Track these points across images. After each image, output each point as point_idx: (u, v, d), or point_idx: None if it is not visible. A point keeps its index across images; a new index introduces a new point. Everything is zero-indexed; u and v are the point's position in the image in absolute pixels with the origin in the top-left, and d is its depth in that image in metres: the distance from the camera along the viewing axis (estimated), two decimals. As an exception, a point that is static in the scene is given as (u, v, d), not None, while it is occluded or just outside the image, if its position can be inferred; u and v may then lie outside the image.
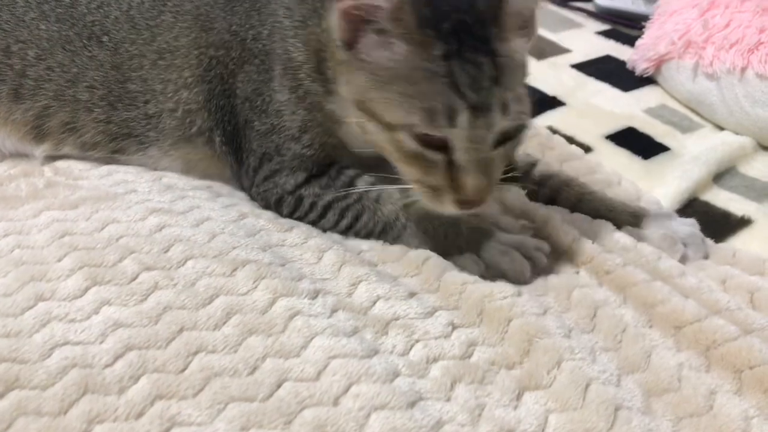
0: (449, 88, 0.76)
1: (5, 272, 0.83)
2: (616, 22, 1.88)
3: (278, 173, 0.99)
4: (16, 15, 1.07)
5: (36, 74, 1.05)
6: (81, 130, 1.07)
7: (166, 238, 0.90)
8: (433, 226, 0.93)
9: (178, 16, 1.07)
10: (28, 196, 0.99)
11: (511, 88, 0.78)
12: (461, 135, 0.77)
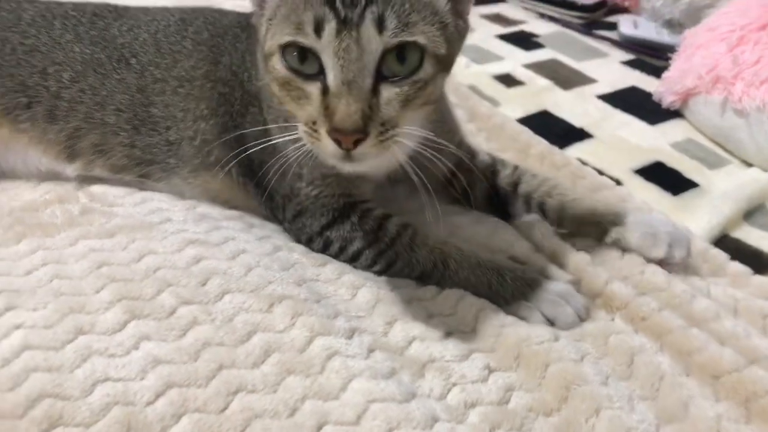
0: (323, 3, 0.73)
1: (45, 303, 0.83)
2: (641, 51, 1.88)
3: (303, 214, 0.99)
4: (53, 37, 1.09)
5: (69, 96, 1.06)
6: (109, 152, 1.08)
7: (203, 270, 0.90)
8: (475, 276, 0.92)
9: (195, 45, 1.08)
10: (64, 223, 0.99)
11: (396, 9, 0.74)
12: (328, 48, 0.73)
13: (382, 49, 0.74)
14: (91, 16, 1.12)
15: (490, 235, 1.05)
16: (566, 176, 1.23)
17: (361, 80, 0.74)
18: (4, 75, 1.06)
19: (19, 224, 0.98)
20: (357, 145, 0.74)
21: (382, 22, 0.73)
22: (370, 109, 0.74)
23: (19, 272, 0.89)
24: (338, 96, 0.73)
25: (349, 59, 0.73)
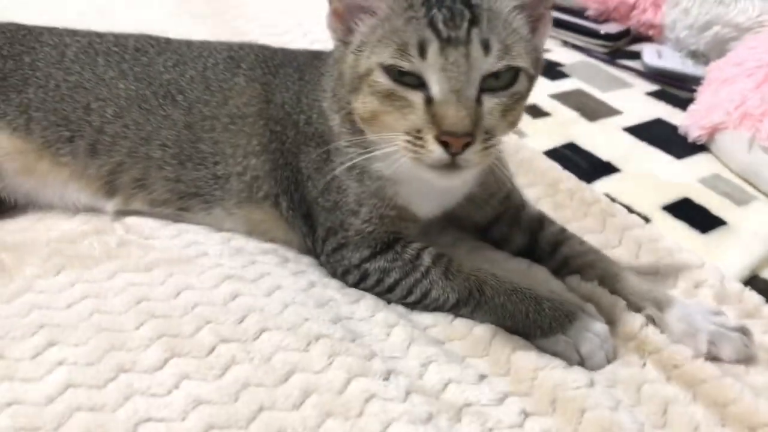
0: (425, 25, 0.80)
1: (86, 339, 0.85)
2: (665, 82, 1.88)
3: (344, 247, 1.00)
4: (97, 74, 1.10)
5: (113, 131, 1.07)
6: (151, 186, 1.09)
7: (240, 307, 0.91)
8: (512, 303, 0.93)
9: (249, 81, 1.09)
10: (101, 255, 1.01)
11: (494, 32, 0.81)
12: (434, 66, 0.79)
13: (486, 70, 0.80)
14: (134, 51, 1.12)
15: (525, 271, 1.06)
16: (596, 214, 1.23)
17: (468, 90, 0.79)
18: (48, 109, 1.07)
19: (57, 255, 1.00)
20: (465, 148, 0.78)
21: (487, 45, 0.80)
22: (476, 116, 0.79)
23: (59, 305, 0.90)
24: (446, 103, 0.78)
25: (457, 72, 0.79)
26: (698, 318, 0.95)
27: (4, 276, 0.95)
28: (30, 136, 1.07)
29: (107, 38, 1.16)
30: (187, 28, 1.73)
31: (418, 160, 0.81)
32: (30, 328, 0.86)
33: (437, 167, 0.81)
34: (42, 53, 1.11)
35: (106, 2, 1.89)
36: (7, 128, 1.07)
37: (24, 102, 1.07)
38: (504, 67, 0.81)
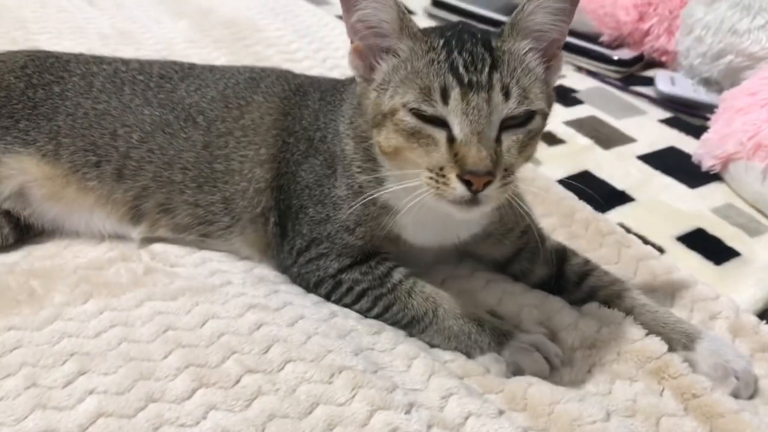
0: (447, 70, 0.84)
1: (116, 367, 0.87)
2: (678, 109, 1.90)
3: (324, 257, 1.03)
4: (123, 102, 1.13)
5: (138, 156, 1.10)
6: (174, 211, 1.11)
7: (265, 337, 0.93)
8: (458, 325, 0.98)
9: (267, 97, 1.13)
10: (128, 282, 1.03)
11: (514, 77, 0.85)
12: (455, 111, 0.82)
13: (506, 114, 0.84)
14: (158, 78, 1.16)
15: (540, 302, 1.09)
16: (611, 244, 1.25)
17: (489, 132, 0.83)
18: (76, 135, 1.10)
19: (85, 282, 1.02)
20: (485, 186, 0.82)
21: (507, 91, 0.84)
22: (497, 156, 0.83)
23: (89, 334, 0.93)
24: (468, 144, 0.82)
25: (479, 115, 0.82)
26: (728, 353, 0.97)
27: (34, 303, 0.97)
28: (58, 162, 1.10)
29: (132, 66, 1.19)
30: (208, 53, 1.77)
31: (440, 196, 0.84)
32: (61, 356, 0.88)
33: (458, 202, 0.84)
34: (71, 83, 1.15)
35: (129, 26, 1.93)
36: (36, 154, 1.10)
37: (54, 129, 1.10)
38: (524, 112, 0.85)
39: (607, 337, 1.01)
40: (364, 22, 0.90)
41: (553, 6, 0.87)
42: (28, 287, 1.00)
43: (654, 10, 2.12)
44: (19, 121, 1.10)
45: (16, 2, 1.95)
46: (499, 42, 0.87)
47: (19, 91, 1.12)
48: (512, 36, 0.88)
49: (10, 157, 1.09)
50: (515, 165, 0.86)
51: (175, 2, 2.12)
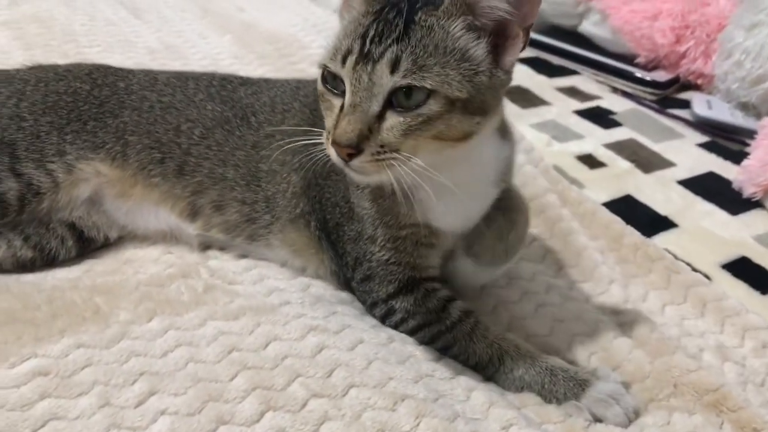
0: (358, 36, 0.84)
1: (185, 388, 0.88)
2: (715, 134, 1.91)
3: (371, 279, 1.04)
4: (187, 95, 1.16)
5: (197, 152, 1.13)
6: (225, 208, 1.14)
7: (327, 361, 0.94)
8: (530, 376, 0.96)
9: (302, 106, 1.16)
10: (190, 301, 1.05)
11: (416, 53, 0.82)
12: (347, 75, 0.84)
13: (390, 87, 0.82)
14: (221, 80, 1.21)
15: (549, 333, 1.09)
16: (660, 270, 1.26)
17: (366, 106, 0.83)
18: (142, 132, 1.13)
19: (148, 300, 1.04)
20: (351, 158, 0.83)
21: (396, 63, 0.81)
22: (369, 131, 0.83)
23: (156, 353, 0.94)
24: (345, 115, 0.83)
25: (359, 87, 0.83)
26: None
27: (100, 321, 0.99)
28: (126, 162, 1.13)
29: (195, 72, 1.24)
30: (253, 69, 1.79)
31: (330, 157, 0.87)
32: (131, 376, 0.89)
33: (339, 164, 0.86)
34: (135, 78, 1.19)
35: (175, 40, 1.95)
36: (107, 157, 1.13)
37: (120, 126, 1.13)
38: (406, 84, 0.81)
39: (662, 369, 1.01)
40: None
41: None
42: (92, 304, 1.02)
43: (691, 33, 2.13)
44: (87, 123, 1.13)
45: (65, 15, 1.97)
46: (424, 15, 0.84)
47: (85, 93, 1.15)
48: (447, 11, 0.84)
49: (83, 163, 1.11)
50: (398, 144, 0.83)
51: (219, 17, 2.14)
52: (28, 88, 1.15)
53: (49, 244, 1.10)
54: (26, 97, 1.13)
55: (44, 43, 1.79)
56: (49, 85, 1.16)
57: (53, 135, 1.11)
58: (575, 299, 1.17)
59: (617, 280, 1.22)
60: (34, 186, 1.09)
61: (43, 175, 1.09)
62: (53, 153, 1.10)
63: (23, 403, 0.84)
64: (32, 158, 1.09)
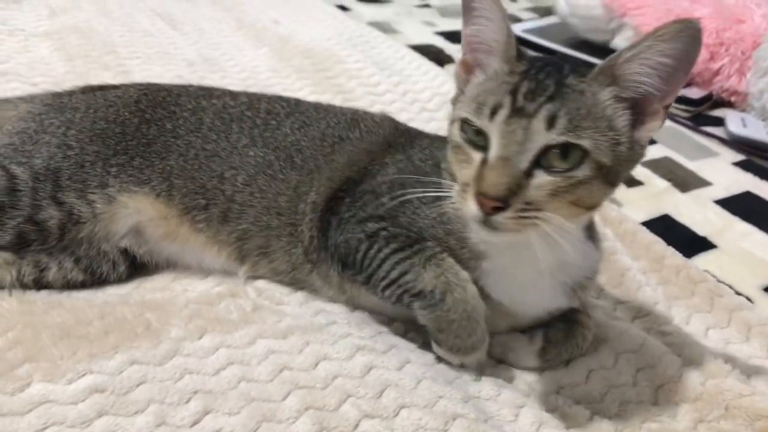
0: (507, 92, 0.84)
1: (239, 408, 0.89)
2: (750, 152, 1.90)
3: (377, 219, 1.02)
4: (231, 142, 1.14)
5: (241, 199, 1.11)
6: (272, 255, 1.12)
7: (377, 381, 0.95)
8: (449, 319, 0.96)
9: (365, 134, 1.16)
10: (239, 319, 1.05)
11: (572, 113, 0.81)
12: (496, 131, 0.83)
13: (545, 143, 0.81)
14: (265, 115, 1.17)
15: (595, 351, 1.09)
16: (703, 293, 1.25)
17: (517, 161, 0.82)
18: (187, 177, 1.12)
19: (198, 317, 1.04)
20: (495, 212, 0.81)
21: (553, 120, 0.81)
22: (517, 186, 0.81)
23: (208, 371, 0.95)
24: (492, 167, 0.82)
25: (511, 141, 0.82)
26: None
27: (152, 337, 1.00)
28: (171, 202, 1.11)
29: (241, 100, 1.21)
30: (291, 83, 1.81)
31: (461, 210, 0.86)
32: (185, 394, 0.90)
33: (476, 221, 0.84)
34: (182, 119, 1.16)
35: (212, 53, 1.97)
36: (151, 193, 1.11)
37: (167, 169, 1.12)
38: (563, 142, 0.81)
39: (713, 391, 1.01)
40: (476, 36, 0.91)
41: (655, 60, 0.82)
42: (144, 320, 1.03)
43: (726, 51, 2.12)
44: (134, 158, 1.12)
45: (104, 25, 1.99)
46: (576, 80, 0.85)
47: (133, 127, 1.14)
48: (596, 79, 0.85)
49: (125, 196, 1.10)
50: (543, 204, 0.82)
51: (254, 30, 2.16)
52: (77, 116, 1.15)
53: (100, 268, 1.11)
54: (74, 125, 1.13)
55: (85, 54, 1.82)
56: (98, 111, 1.16)
57: (98, 165, 1.10)
58: (619, 319, 1.17)
59: (660, 302, 1.22)
60: (74, 215, 1.09)
61: (84, 205, 1.09)
62: (96, 185, 1.10)
63: (82, 421, 0.85)
64: (74, 188, 1.09)
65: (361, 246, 1.00)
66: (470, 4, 0.89)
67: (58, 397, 0.87)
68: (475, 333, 0.97)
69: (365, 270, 1.00)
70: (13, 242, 1.07)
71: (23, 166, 1.09)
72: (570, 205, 0.85)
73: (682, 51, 0.81)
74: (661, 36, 0.81)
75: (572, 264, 0.98)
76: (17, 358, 0.93)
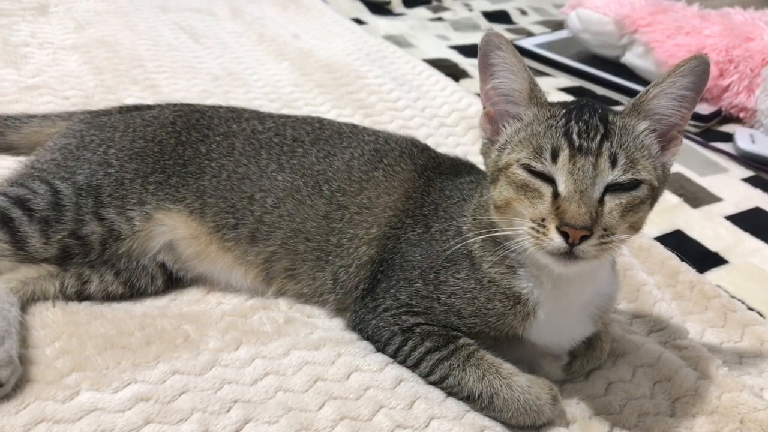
0: (561, 135, 0.92)
1: (277, 417, 0.93)
2: (759, 168, 1.94)
3: (411, 315, 1.05)
4: (260, 166, 1.19)
5: (270, 221, 1.16)
6: (298, 278, 1.17)
7: (407, 393, 0.99)
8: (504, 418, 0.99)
9: (388, 175, 1.18)
10: (273, 331, 1.10)
11: (623, 149, 0.91)
12: (562, 170, 0.90)
13: (611, 180, 0.90)
14: (291, 141, 1.22)
15: (612, 365, 1.13)
16: (717, 308, 1.30)
17: (592, 192, 0.89)
18: (219, 197, 1.16)
19: (233, 329, 1.09)
20: (582, 241, 0.87)
21: (615, 160, 0.90)
22: (596, 214, 0.89)
23: (246, 381, 0.99)
24: (570, 199, 0.88)
25: (584, 175, 0.89)
26: None
27: (191, 348, 1.04)
28: (203, 220, 1.16)
29: (268, 125, 1.25)
30: (313, 97, 1.85)
31: (539, 246, 0.90)
32: (225, 403, 0.95)
33: (556, 254, 0.89)
34: (215, 143, 1.21)
35: (236, 66, 2.02)
36: (185, 211, 1.16)
37: (200, 188, 1.17)
38: (629, 180, 0.91)
39: (729, 404, 1.05)
40: (498, 89, 0.98)
41: (677, 93, 0.94)
42: (182, 331, 1.07)
43: (735, 68, 2.17)
44: (171, 177, 1.17)
45: (130, 39, 2.04)
46: (616, 118, 0.94)
47: (170, 148, 1.19)
48: (632, 115, 0.95)
49: (161, 213, 1.15)
50: (616, 227, 0.90)
51: (275, 44, 2.21)
52: (117, 135, 1.20)
53: (140, 281, 1.16)
54: (114, 143, 1.19)
55: (113, 67, 1.87)
56: (137, 131, 1.21)
57: (137, 183, 1.15)
58: (636, 333, 1.21)
59: (675, 316, 1.26)
60: (115, 231, 1.14)
61: (123, 221, 1.14)
62: (135, 201, 1.15)
63: (130, 428, 0.89)
64: (115, 204, 1.14)
65: (394, 339, 1.06)
66: (488, 60, 0.96)
67: (106, 405, 0.92)
68: (533, 413, 0.98)
69: (397, 359, 1.06)
70: (57, 255, 1.11)
71: (66, 182, 1.13)
72: (629, 228, 0.93)
73: (697, 83, 0.93)
74: (681, 72, 0.92)
75: (603, 293, 1.06)
76: (65, 367, 0.97)
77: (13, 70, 1.76)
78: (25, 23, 2.06)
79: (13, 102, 1.60)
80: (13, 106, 1.57)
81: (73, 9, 2.22)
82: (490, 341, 1.04)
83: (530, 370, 1.05)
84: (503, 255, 0.99)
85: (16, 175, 1.19)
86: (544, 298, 1.00)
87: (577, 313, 1.04)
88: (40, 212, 1.10)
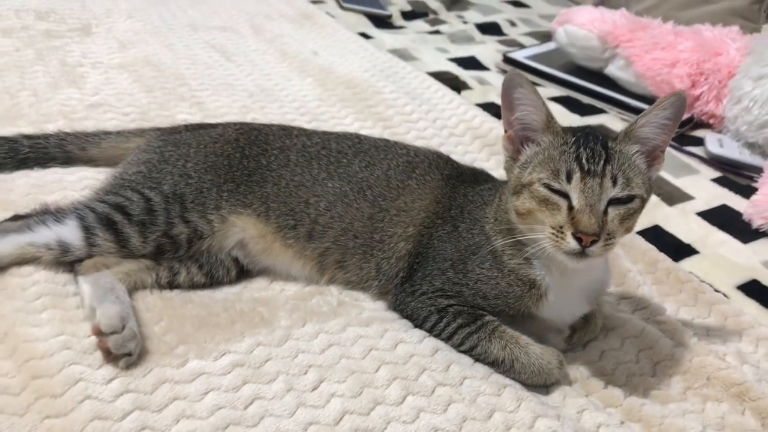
0: (573, 160, 1.15)
1: (345, 377, 1.18)
2: (726, 170, 2.20)
3: (444, 297, 1.29)
4: (312, 175, 1.42)
5: (324, 222, 1.40)
6: (347, 268, 1.41)
7: (444, 359, 1.24)
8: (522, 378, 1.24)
9: (420, 184, 1.42)
10: (330, 312, 1.34)
11: (621, 170, 1.14)
12: (575, 189, 1.13)
13: (613, 195, 1.14)
14: (336, 154, 1.45)
15: (605, 338, 1.39)
16: (689, 291, 1.56)
17: (598, 206, 1.13)
18: (280, 202, 1.40)
19: (298, 310, 1.33)
20: (592, 244, 1.11)
21: (615, 180, 1.14)
22: (603, 222, 1.12)
23: (315, 351, 1.23)
24: (582, 212, 1.12)
25: (592, 193, 1.13)
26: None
27: (267, 325, 1.28)
28: (268, 221, 1.40)
29: (315, 140, 1.49)
30: (337, 111, 2.08)
31: (557, 248, 1.15)
32: (302, 368, 1.19)
33: (570, 254, 1.14)
34: (273, 156, 1.45)
35: (266, 83, 2.22)
36: (253, 214, 1.40)
37: (264, 195, 1.40)
38: (626, 195, 1.14)
39: (698, 366, 1.32)
40: (520, 120, 1.23)
41: (659, 122, 1.18)
42: (258, 312, 1.31)
43: (705, 80, 2.43)
44: (240, 186, 1.40)
45: (170, 58, 2.24)
46: (614, 144, 1.17)
47: (237, 161, 1.42)
48: (625, 141, 1.18)
49: (234, 216, 1.39)
50: (616, 232, 1.14)
51: (297, 61, 2.41)
52: (191, 150, 1.43)
53: (218, 272, 1.39)
54: (191, 158, 1.42)
55: (160, 86, 2.07)
56: (208, 147, 1.44)
57: (213, 191, 1.38)
58: (623, 311, 1.47)
59: (655, 297, 1.52)
60: (198, 231, 1.37)
61: (205, 223, 1.37)
62: (213, 207, 1.37)
63: (233, 387, 1.13)
64: (197, 210, 1.37)
65: (431, 317, 1.30)
66: (512, 95, 1.21)
67: (210, 370, 1.16)
68: (544, 374, 1.23)
69: (433, 333, 1.30)
70: (153, 252, 1.35)
71: (155, 191, 1.37)
72: (624, 231, 1.17)
73: (677, 113, 1.18)
74: (663, 106, 1.16)
75: (598, 280, 1.33)
76: (173, 341, 1.21)
77: (75, 89, 1.95)
78: (74, 44, 2.24)
79: (84, 119, 1.80)
80: (85, 123, 1.77)
81: (113, 29, 2.41)
82: (508, 318, 1.29)
83: (539, 341, 1.28)
84: (521, 250, 1.24)
85: (108, 185, 1.42)
86: (554, 283, 1.25)
87: (578, 295, 1.30)
88: (137, 216, 1.33)
